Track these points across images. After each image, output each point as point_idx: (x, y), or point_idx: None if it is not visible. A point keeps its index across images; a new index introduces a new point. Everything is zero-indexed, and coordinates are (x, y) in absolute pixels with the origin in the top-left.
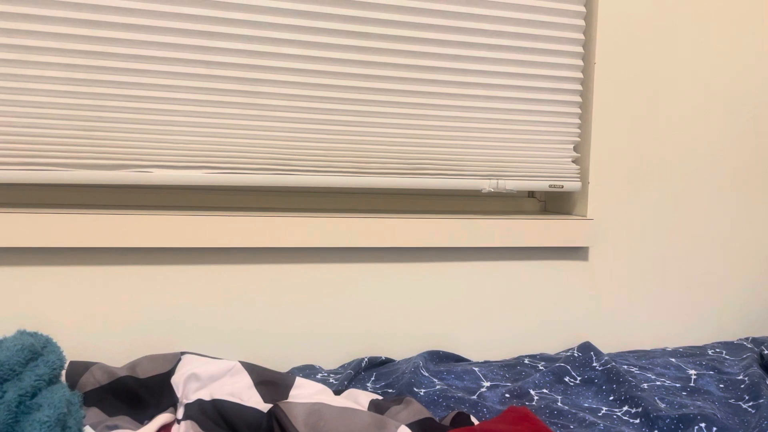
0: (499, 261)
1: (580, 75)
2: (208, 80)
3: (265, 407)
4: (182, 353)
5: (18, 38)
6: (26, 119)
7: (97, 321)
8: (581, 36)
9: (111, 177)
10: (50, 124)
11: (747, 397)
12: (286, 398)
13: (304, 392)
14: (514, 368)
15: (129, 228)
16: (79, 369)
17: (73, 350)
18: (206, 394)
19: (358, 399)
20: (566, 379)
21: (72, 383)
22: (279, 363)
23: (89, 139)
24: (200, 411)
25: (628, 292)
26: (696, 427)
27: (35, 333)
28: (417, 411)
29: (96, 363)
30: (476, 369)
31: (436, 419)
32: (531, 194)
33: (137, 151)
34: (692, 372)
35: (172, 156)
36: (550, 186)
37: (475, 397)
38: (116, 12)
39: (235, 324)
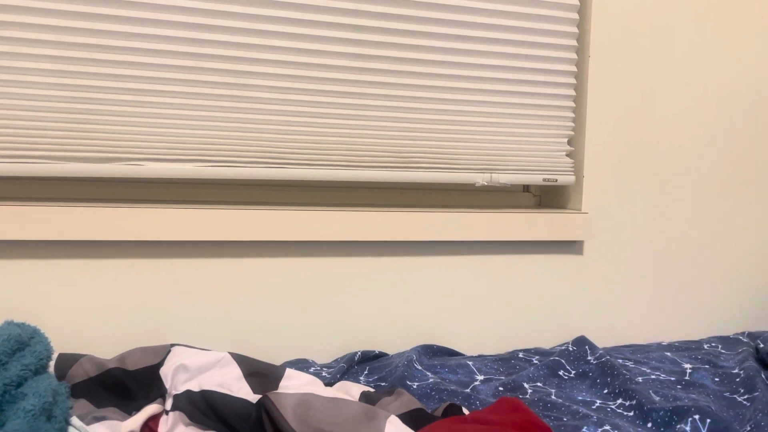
0: (494, 255)
1: (574, 68)
2: (200, 73)
3: (254, 398)
4: (172, 345)
5: (9, 30)
6: (17, 112)
7: (88, 313)
8: (575, 29)
9: (103, 170)
10: (41, 117)
11: (742, 391)
12: (276, 389)
13: (294, 383)
14: (508, 362)
15: (120, 221)
16: (68, 361)
17: (63, 342)
18: (195, 385)
19: (350, 391)
20: (560, 372)
21: (61, 375)
22: (271, 357)
23: (81, 132)
24: (189, 402)
25: (623, 286)
26: (690, 419)
27: (22, 324)
28: (408, 402)
29: (85, 355)
30: (470, 363)
31: (428, 410)
32: (526, 188)
33: (129, 144)
34: (687, 366)
35: (164, 149)
36: (544, 180)
37: (468, 390)
38: (108, 4)
39: (226, 318)
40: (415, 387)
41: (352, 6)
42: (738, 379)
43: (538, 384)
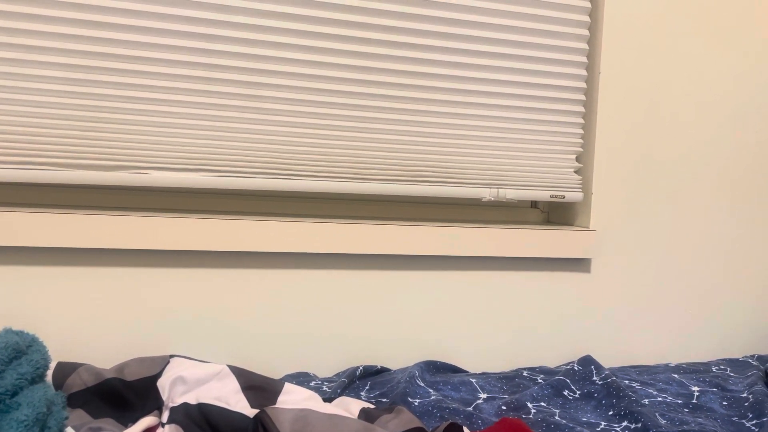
0: (500, 271)
1: (583, 85)
2: (208, 83)
3: (251, 412)
4: (171, 356)
5: (17, 37)
6: (24, 118)
7: (89, 322)
8: (585, 46)
9: (108, 178)
10: (48, 124)
11: (750, 415)
12: (274, 404)
13: (293, 398)
14: (512, 380)
15: (124, 229)
16: (66, 370)
17: (62, 351)
18: (192, 398)
19: (349, 407)
20: (565, 392)
21: (59, 384)
22: (272, 370)
23: (87, 139)
24: (185, 415)
25: (630, 305)
26: None
27: (21, 331)
28: (407, 420)
29: (84, 364)
30: (473, 380)
31: (428, 429)
32: (534, 204)
33: (135, 153)
34: (695, 389)
35: (170, 158)
36: (552, 196)
37: (470, 408)
38: (117, 13)
39: (228, 329)
40: (416, 404)
41: (361, 19)
42: (747, 404)
43: (542, 404)
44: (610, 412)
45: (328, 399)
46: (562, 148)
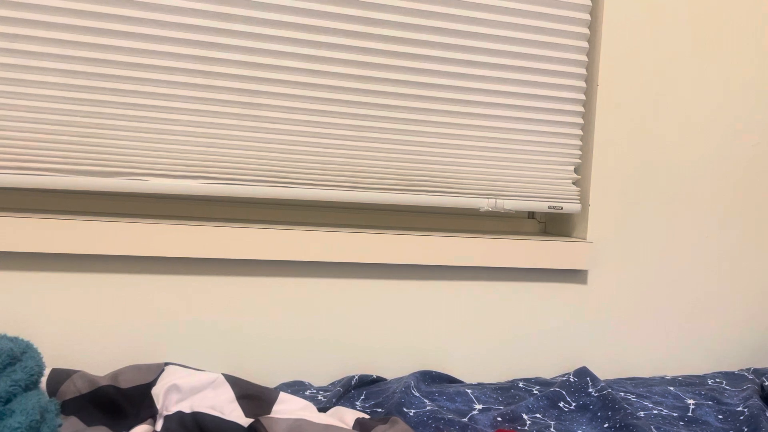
0: (497, 281)
1: (582, 96)
2: (206, 90)
3: (246, 422)
4: (166, 364)
5: (17, 43)
6: (23, 123)
7: (84, 328)
8: (584, 58)
9: (106, 184)
10: (46, 129)
11: (746, 429)
12: (269, 413)
13: (288, 408)
14: (507, 391)
15: (120, 236)
16: (60, 377)
17: (57, 357)
18: (187, 407)
19: (344, 417)
20: (561, 404)
21: (53, 391)
22: (267, 378)
23: (85, 145)
24: (180, 423)
25: (627, 317)
26: None
27: (15, 338)
28: (402, 431)
29: (78, 371)
30: (469, 391)
31: None
32: (531, 215)
33: (133, 159)
34: (691, 401)
35: (168, 165)
36: (550, 207)
37: (465, 419)
38: (117, 20)
39: (224, 337)
40: (411, 414)
41: (360, 29)
42: (742, 417)
43: (538, 415)
44: (606, 425)
45: (323, 409)
46: (561, 159)
